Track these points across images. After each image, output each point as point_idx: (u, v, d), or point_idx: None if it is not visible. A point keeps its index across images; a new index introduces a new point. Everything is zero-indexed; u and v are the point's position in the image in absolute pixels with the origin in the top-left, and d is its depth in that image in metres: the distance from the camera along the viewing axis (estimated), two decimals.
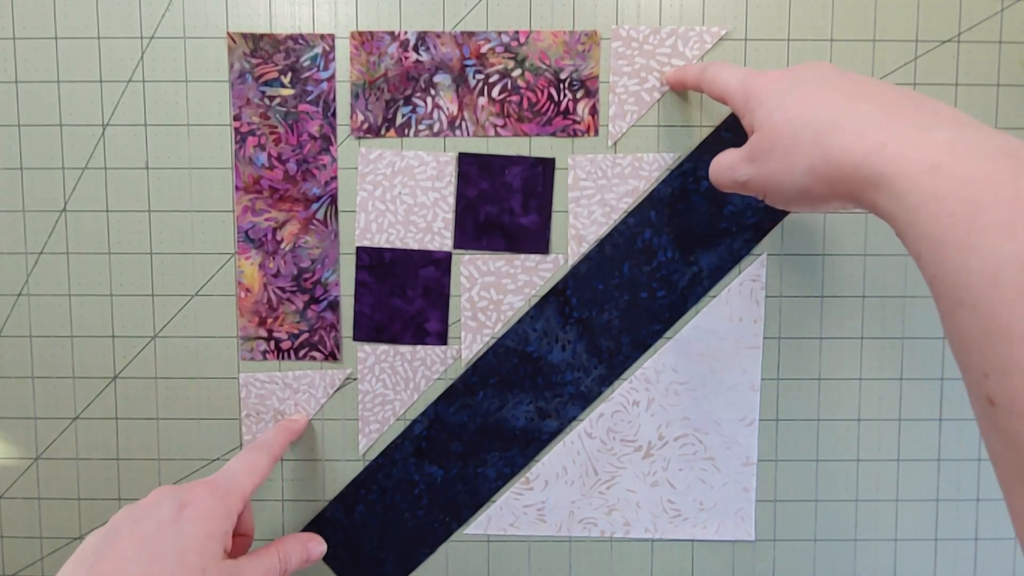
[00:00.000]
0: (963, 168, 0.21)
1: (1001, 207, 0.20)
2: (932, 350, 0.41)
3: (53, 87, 0.39)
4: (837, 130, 0.25)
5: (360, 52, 0.39)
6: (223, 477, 0.32)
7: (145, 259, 0.40)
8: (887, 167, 0.23)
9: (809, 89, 0.27)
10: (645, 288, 0.40)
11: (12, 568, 0.42)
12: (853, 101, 0.25)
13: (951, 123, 0.23)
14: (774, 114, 0.28)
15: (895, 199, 0.23)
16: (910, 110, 0.24)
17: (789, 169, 0.27)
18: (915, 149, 0.22)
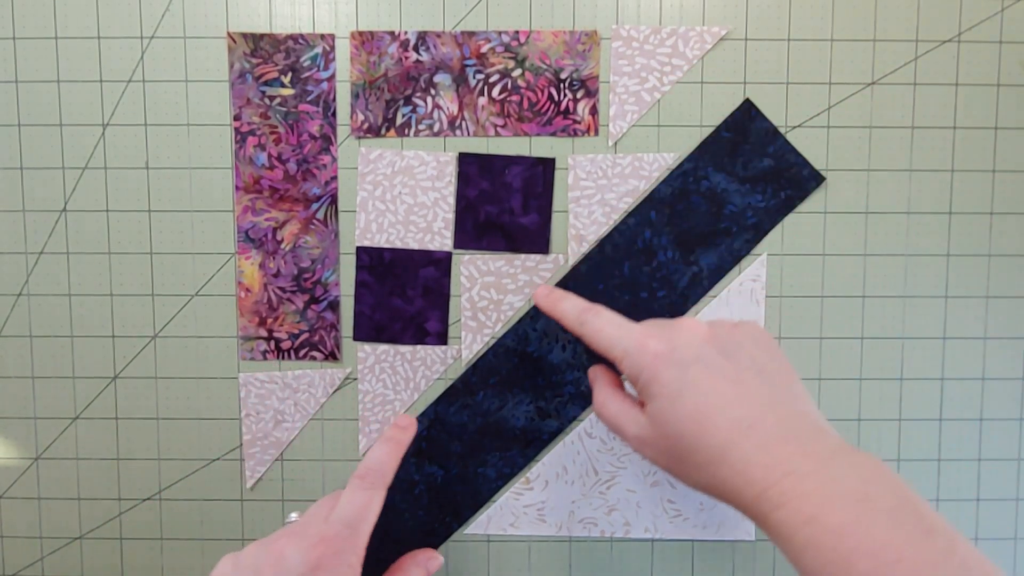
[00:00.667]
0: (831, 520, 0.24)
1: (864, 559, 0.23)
2: (933, 350, 0.41)
3: (53, 87, 0.39)
4: (727, 465, 0.27)
5: (360, 52, 0.39)
6: (340, 530, 0.32)
7: (145, 259, 0.40)
8: (771, 514, 0.26)
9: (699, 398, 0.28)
10: (645, 288, 0.40)
11: (12, 568, 0.42)
12: (739, 428, 0.27)
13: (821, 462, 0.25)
14: (667, 420, 0.29)
15: (780, 540, 0.26)
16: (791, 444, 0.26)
17: (683, 474, 0.29)
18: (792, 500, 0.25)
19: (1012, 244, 0.40)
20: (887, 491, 0.25)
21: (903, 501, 0.24)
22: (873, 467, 0.25)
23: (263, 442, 0.41)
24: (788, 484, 0.25)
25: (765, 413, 0.27)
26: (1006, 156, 0.40)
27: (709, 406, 0.28)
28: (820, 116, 0.39)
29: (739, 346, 0.30)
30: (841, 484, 0.25)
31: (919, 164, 0.40)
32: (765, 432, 0.27)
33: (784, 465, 0.26)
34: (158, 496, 0.41)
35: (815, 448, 0.26)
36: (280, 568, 0.30)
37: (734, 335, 0.30)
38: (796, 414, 0.28)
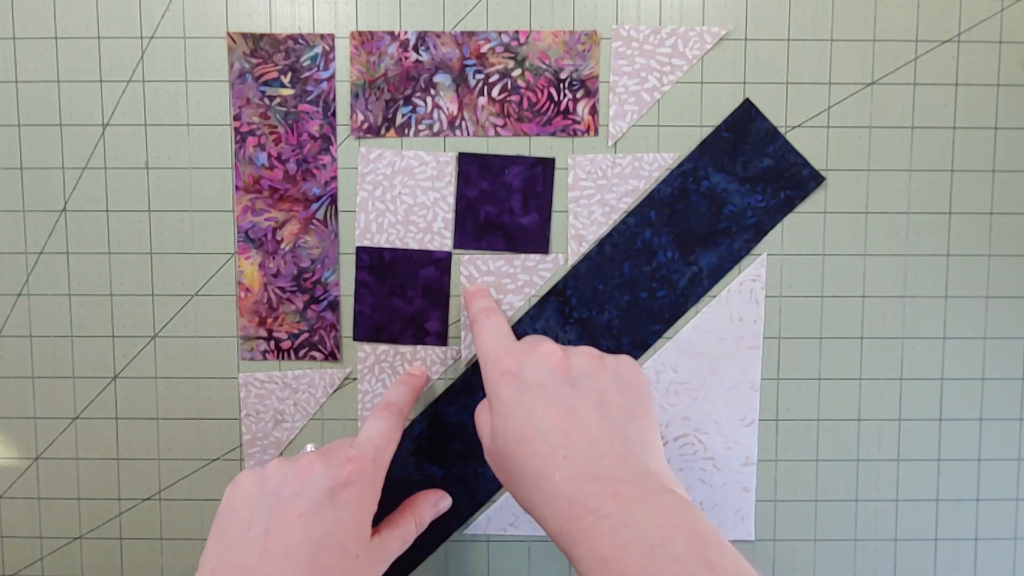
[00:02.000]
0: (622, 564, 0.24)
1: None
2: (932, 350, 0.41)
3: (53, 87, 0.39)
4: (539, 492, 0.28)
5: (360, 52, 0.39)
6: (368, 450, 0.32)
7: (145, 259, 0.40)
8: (571, 550, 0.26)
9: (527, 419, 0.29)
10: (645, 288, 0.40)
11: (12, 568, 0.42)
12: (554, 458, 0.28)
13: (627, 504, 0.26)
14: (499, 435, 0.30)
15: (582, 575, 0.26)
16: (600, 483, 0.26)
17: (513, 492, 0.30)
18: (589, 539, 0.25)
19: (1012, 244, 0.40)
20: (682, 537, 0.25)
21: (695, 548, 0.24)
22: (677, 511, 0.26)
23: (263, 442, 0.41)
24: (588, 522, 0.26)
25: (586, 448, 0.28)
26: (1006, 156, 0.40)
27: (534, 429, 0.29)
28: (820, 116, 0.39)
29: (589, 378, 0.30)
30: (637, 529, 0.25)
31: (919, 164, 0.40)
32: (579, 466, 0.27)
33: (588, 503, 0.26)
34: (158, 496, 0.41)
35: (624, 490, 0.26)
36: (308, 482, 0.30)
37: (591, 367, 0.31)
38: (619, 453, 0.28)
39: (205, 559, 0.30)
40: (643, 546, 0.25)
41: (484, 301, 0.36)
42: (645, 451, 0.29)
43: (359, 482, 0.31)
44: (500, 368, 0.31)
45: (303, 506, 0.30)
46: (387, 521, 0.35)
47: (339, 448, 0.32)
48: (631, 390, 0.31)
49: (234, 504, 0.31)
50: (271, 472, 0.31)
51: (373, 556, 0.32)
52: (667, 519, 0.25)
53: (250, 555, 0.29)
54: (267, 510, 0.30)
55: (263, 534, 0.29)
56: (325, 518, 0.30)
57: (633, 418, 0.30)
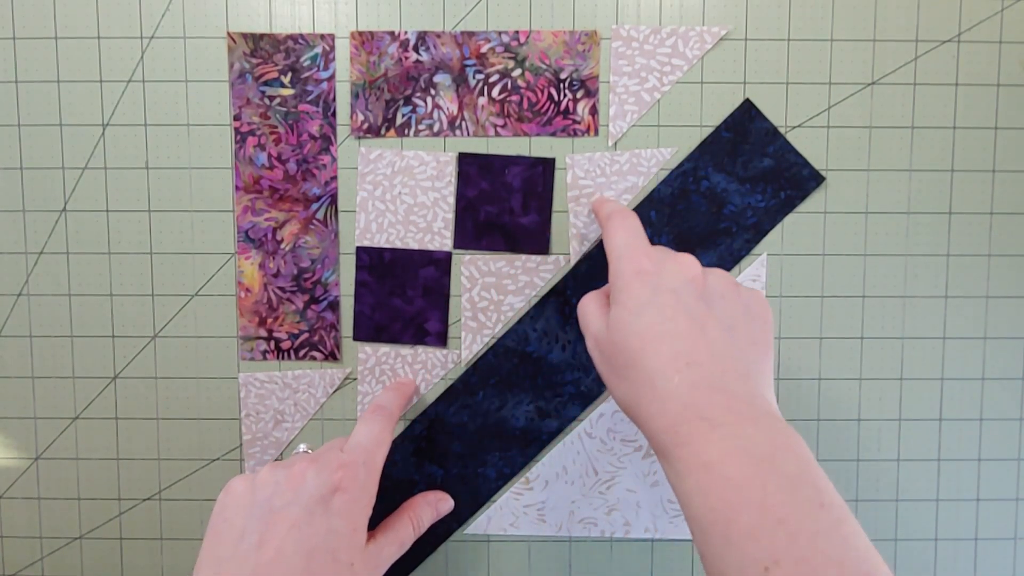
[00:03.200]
0: (728, 471, 0.25)
1: (750, 512, 0.24)
2: (932, 350, 0.41)
3: (53, 87, 0.39)
4: (651, 389, 0.28)
5: (360, 52, 0.39)
6: (359, 455, 0.32)
7: (145, 259, 0.40)
8: (673, 450, 0.26)
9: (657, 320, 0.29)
10: None
11: (12, 568, 0.42)
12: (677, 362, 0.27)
13: (740, 419, 0.26)
14: (621, 328, 0.29)
15: (675, 478, 0.26)
16: (718, 394, 0.27)
17: (614, 385, 0.30)
18: (696, 442, 0.26)
19: (1012, 244, 0.40)
20: (793, 459, 0.25)
21: (805, 472, 0.25)
22: (789, 437, 0.26)
23: (263, 442, 0.41)
24: (699, 427, 0.26)
25: (709, 360, 0.28)
26: (1006, 156, 0.40)
27: (660, 331, 0.28)
28: (820, 116, 0.39)
29: (723, 299, 0.30)
30: (749, 441, 0.25)
31: (919, 164, 0.40)
32: (699, 375, 0.27)
33: (703, 410, 0.26)
34: (158, 496, 0.41)
35: (740, 406, 0.26)
36: (299, 490, 0.30)
37: (726, 290, 0.30)
38: (740, 375, 0.28)
39: (198, 569, 0.30)
40: (752, 458, 0.25)
41: (616, 204, 0.35)
42: (763, 380, 0.29)
43: (350, 488, 0.31)
44: (637, 266, 0.30)
45: (295, 516, 0.30)
46: (384, 525, 0.35)
47: (330, 453, 0.32)
48: (758, 321, 0.31)
49: (226, 513, 0.31)
50: (263, 480, 0.31)
51: (368, 563, 0.31)
52: (780, 440, 0.25)
53: (243, 567, 0.29)
54: (259, 521, 0.30)
55: (255, 546, 0.29)
56: (318, 527, 0.30)
57: (756, 347, 0.30)
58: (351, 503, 0.31)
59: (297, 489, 0.30)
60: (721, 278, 0.31)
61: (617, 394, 0.30)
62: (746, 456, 0.25)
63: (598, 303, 0.32)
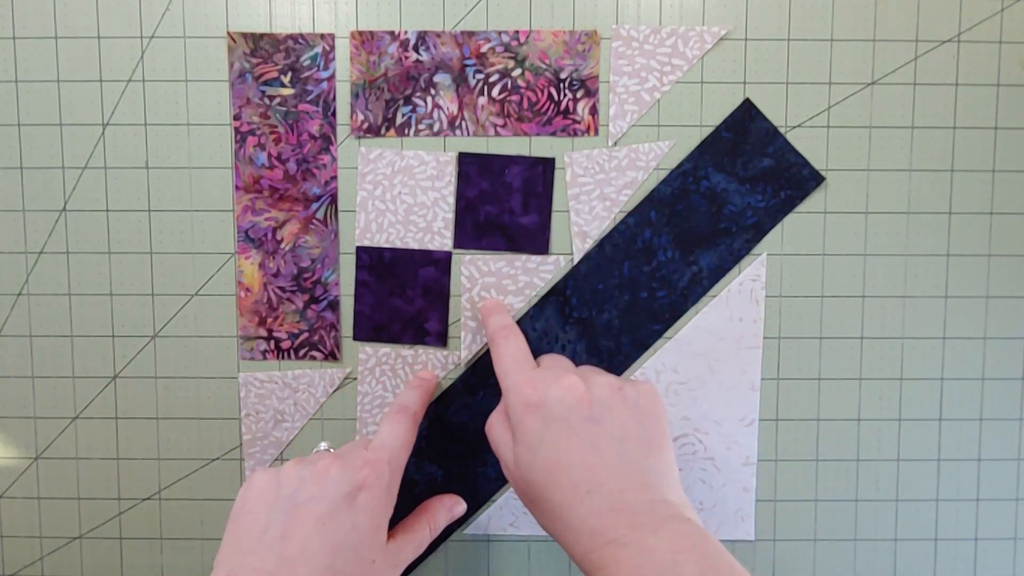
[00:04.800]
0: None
1: None
2: (932, 350, 0.41)
3: (53, 87, 0.39)
4: (563, 523, 0.29)
5: (360, 52, 0.39)
6: (384, 454, 0.33)
7: (145, 259, 0.40)
8: (595, 574, 0.28)
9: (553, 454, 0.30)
10: (645, 288, 0.40)
11: (12, 568, 0.42)
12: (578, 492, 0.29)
13: (643, 533, 0.27)
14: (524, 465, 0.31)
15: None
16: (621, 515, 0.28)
17: (534, 515, 0.32)
18: (610, 567, 0.27)
19: (1012, 244, 0.40)
20: (693, 560, 0.26)
21: (707, 570, 0.26)
22: (691, 538, 0.27)
23: (263, 442, 0.41)
24: (609, 551, 0.27)
25: (608, 481, 0.29)
26: (1006, 156, 0.40)
27: (559, 464, 0.30)
28: (820, 116, 0.39)
29: (610, 411, 0.31)
30: (653, 554, 0.27)
31: (919, 164, 0.40)
32: (600, 500, 0.29)
33: (609, 533, 0.28)
34: (158, 496, 0.41)
35: (642, 520, 0.28)
36: (325, 485, 0.31)
37: (611, 399, 0.32)
38: (638, 486, 0.29)
39: (219, 562, 0.30)
40: (657, 570, 0.26)
41: (501, 318, 0.37)
42: (662, 481, 0.30)
43: (375, 486, 0.31)
44: (523, 399, 0.32)
45: (320, 510, 0.30)
46: (402, 526, 0.35)
47: (355, 451, 0.33)
48: (649, 419, 0.32)
49: (248, 506, 0.31)
50: (287, 474, 0.31)
51: (388, 561, 0.32)
52: (680, 544, 0.27)
53: (266, 559, 0.29)
54: (283, 513, 0.30)
55: (279, 538, 0.29)
56: (342, 523, 0.30)
57: (651, 450, 0.31)
58: (375, 501, 0.31)
59: (322, 485, 0.31)
60: (605, 387, 0.32)
61: (541, 524, 0.31)
62: (652, 569, 0.26)
63: (503, 428, 0.33)
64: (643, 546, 0.27)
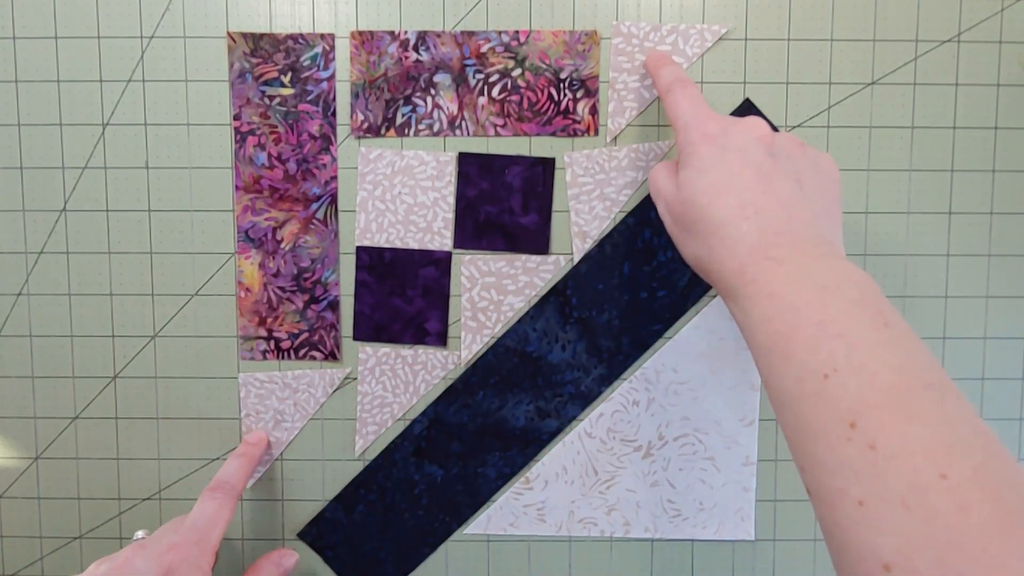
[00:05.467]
0: (792, 298, 0.26)
1: (809, 327, 0.25)
2: (932, 350, 0.40)
3: (53, 87, 0.39)
4: (720, 238, 0.29)
5: (360, 52, 0.39)
6: (191, 536, 0.33)
7: (145, 259, 0.40)
8: (741, 288, 0.27)
9: (724, 176, 0.30)
10: (645, 288, 0.40)
11: (12, 568, 0.42)
12: (744, 211, 0.29)
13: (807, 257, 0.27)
14: (690, 187, 0.30)
15: (743, 314, 0.28)
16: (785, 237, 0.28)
17: (684, 243, 0.31)
18: (763, 278, 0.27)
19: (1012, 244, 0.40)
20: (856, 288, 0.25)
21: (870, 299, 0.25)
22: (855, 272, 0.26)
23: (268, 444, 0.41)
24: (766, 266, 0.27)
25: (776, 208, 0.28)
26: (1006, 156, 0.40)
27: (728, 185, 0.29)
28: (820, 116, 0.39)
29: (789, 155, 0.31)
30: (814, 274, 0.26)
31: (919, 164, 0.40)
32: (767, 221, 0.28)
33: (770, 250, 0.27)
34: (158, 496, 0.41)
35: (806, 247, 0.27)
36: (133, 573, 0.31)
37: (793, 149, 0.31)
38: (807, 222, 0.28)
39: None
40: (816, 287, 0.25)
41: (675, 69, 0.35)
42: (830, 228, 0.30)
43: (181, 568, 0.31)
44: (703, 130, 0.31)
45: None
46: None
47: (163, 536, 0.33)
48: (826, 177, 0.31)
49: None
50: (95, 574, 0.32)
51: None
52: (845, 273, 0.26)
53: None
54: None
55: None
56: None
57: (824, 197, 0.30)
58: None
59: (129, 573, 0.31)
60: (789, 139, 0.31)
61: (687, 251, 0.31)
62: (810, 285, 0.25)
63: (668, 171, 0.33)
64: (806, 267, 0.26)
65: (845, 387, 0.23)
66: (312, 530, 0.41)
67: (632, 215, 0.40)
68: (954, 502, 0.20)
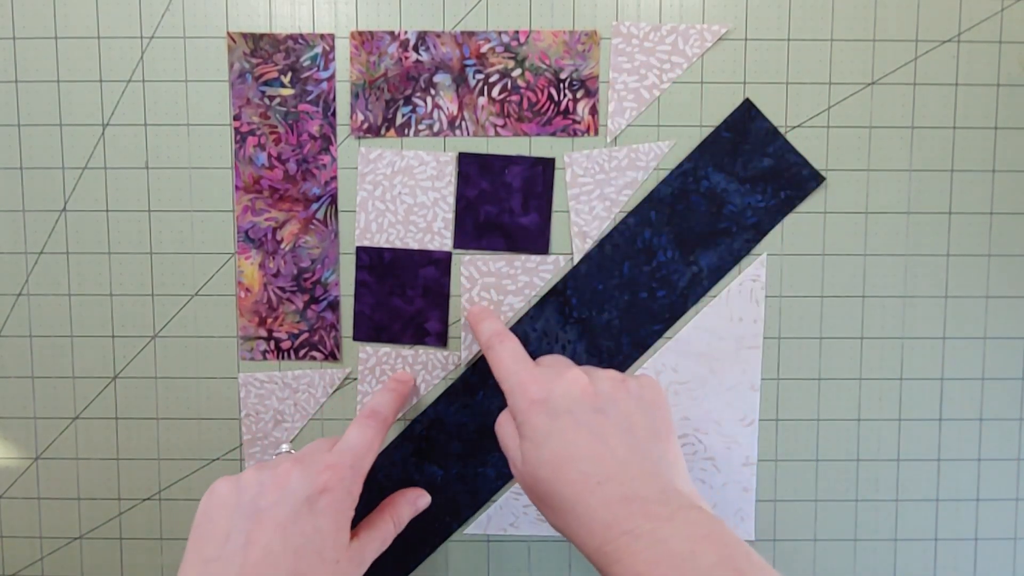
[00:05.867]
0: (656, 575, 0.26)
1: None
2: (932, 350, 0.41)
3: (53, 87, 0.39)
4: (573, 516, 0.29)
5: (360, 52, 0.39)
6: (347, 458, 0.32)
7: (145, 259, 0.40)
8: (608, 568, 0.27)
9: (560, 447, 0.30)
10: (645, 288, 0.40)
11: (12, 568, 0.42)
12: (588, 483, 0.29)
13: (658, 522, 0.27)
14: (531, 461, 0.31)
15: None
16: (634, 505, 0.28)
17: (543, 513, 0.31)
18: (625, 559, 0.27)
19: (1012, 244, 0.40)
20: (711, 549, 0.26)
21: (724, 558, 0.26)
22: (705, 525, 0.27)
23: (263, 442, 0.41)
24: (623, 542, 0.27)
25: (618, 472, 0.29)
26: (1006, 156, 0.40)
27: (567, 457, 0.30)
28: (820, 116, 0.39)
29: (615, 403, 0.31)
30: (669, 544, 0.26)
31: (919, 164, 0.40)
32: (612, 491, 0.28)
33: (623, 524, 0.27)
34: (158, 496, 0.41)
35: (655, 509, 0.28)
36: (285, 490, 0.31)
37: (615, 391, 0.32)
38: (649, 475, 0.29)
39: (184, 570, 0.30)
40: (675, 560, 0.26)
41: (493, 323, 0.36)
42: (671, 471, 0.30)
43: (337, 489, 0.31)
44: (528, 396, 0.32)
45: (281, 515, 0.30)
46: (366, 522, 0.35)
47: (317, 453, 0.33)
48: (654, 411, 0.32)
49: (211, 514, 0.31)
50: (247, 481, 0.31)
51: (352, 560, 0.32)
52: (696, 533, 0.27)
53: (230, 566, 0.29)
54: (245, 520, 0.30)
55: (242, 545, 0.29)
56: (304, 526, 0.30)
57: (659, 440, 0.31)
58: (336, 503, 0.31)
59: (283, 489, 0.31)
60: (608, 380, 0.32)
61: (550, 522, 0.31)
62: (669, 560, 0.26)
63: (511, 427, 0.33)
64: (658, 536, 0.27)
65: None
66: None
67: (632, 215, 0.40)
68: None
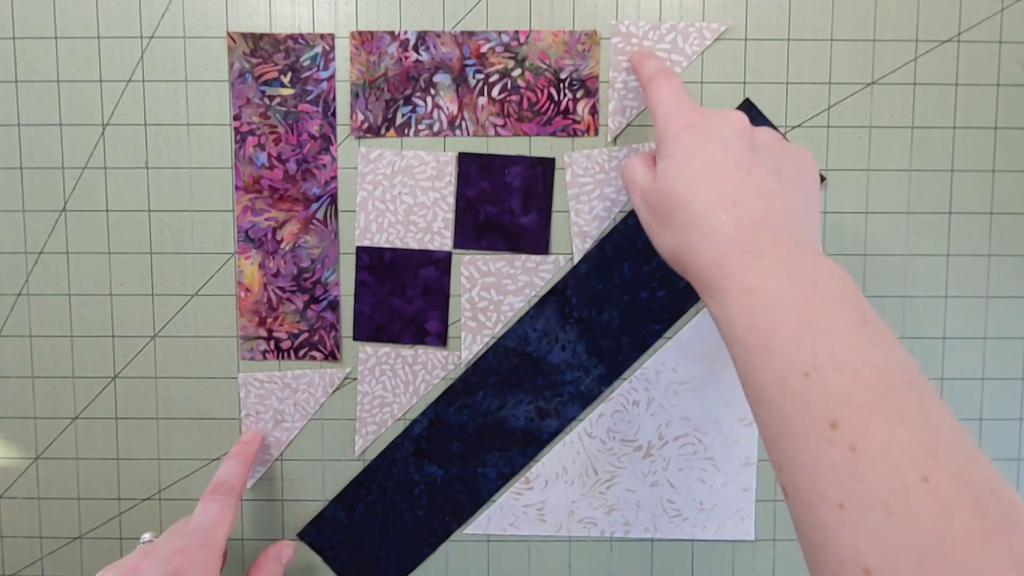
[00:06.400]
0: (771, 292, 0.25)
1: (791, 324, 0.24)
2: (932, 350, 0.41)
3: (53, 87, 0.39)
4: (698, 229, 0.28)
5: (360, 52, 0.39)
6: (197, 539, 0.33)
7: (145, 259, 0.40)
8: (718, 282, 0.27)
9: (705, 165, 0.29)
10: (645, 288, 0.40)
11: (12, 568, 0.42)
12: (724, 202, 0.28)
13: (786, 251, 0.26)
14: (669, 176, 0.30)
15: (720, 308, 0.27)
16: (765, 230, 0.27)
17: (660, 235, 0.31)
18: (741, 272, 0.26)
19: (1012, 244, 0.40)
20: (837, 284, 0.25)
21: (849, 295, 0.25)
22: (834, 268, 0.26)
23: (263, 442, 0.41)
24: (744, 259, 0.26)
25: (755, 200, 0.28)
26: (1006, 156, 0.40)
27: (708, 175, 0.29)
28: (820, 116, 0.39)
29: (771, 151, 0.30)
30: (793, 268, 0.25)
31: (919, 164, 0.40)
32: (746, 213, 0.28)
33: (749, 243, 0.27)
34: (158, 496, 0.41)
35: (785, 241, 0.27)
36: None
37: (774, 143, 0.31)
38: (785, 214, 0.28)
39: None
40: (796, 281, 0.25)
41: (658, 62, 0.35)
42: (811, 224, 0.29)
43: (188, 572, 0.32)
44: (685, 119, 0.30)
45: None
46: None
47: (168, 541, 0.33)
48: (806, 172, 0.31)
49: None
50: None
51: None
52: (824, 268, 0.26)
53: None
54: None
55: None
56: None
57: (804, 193, 0.30)
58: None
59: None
60: (769, 133, 0.31)
61: (663, 243, 0.30)
62: (789, 279, 0.25)
63: (644, 162, 0.32)
64: (784, 260, 0.26)
65: (826, 386, 0.23)
66: (312, 530, 0.41)
67: (632, 215, 0.40)
68: (936, 506, 0.20)
